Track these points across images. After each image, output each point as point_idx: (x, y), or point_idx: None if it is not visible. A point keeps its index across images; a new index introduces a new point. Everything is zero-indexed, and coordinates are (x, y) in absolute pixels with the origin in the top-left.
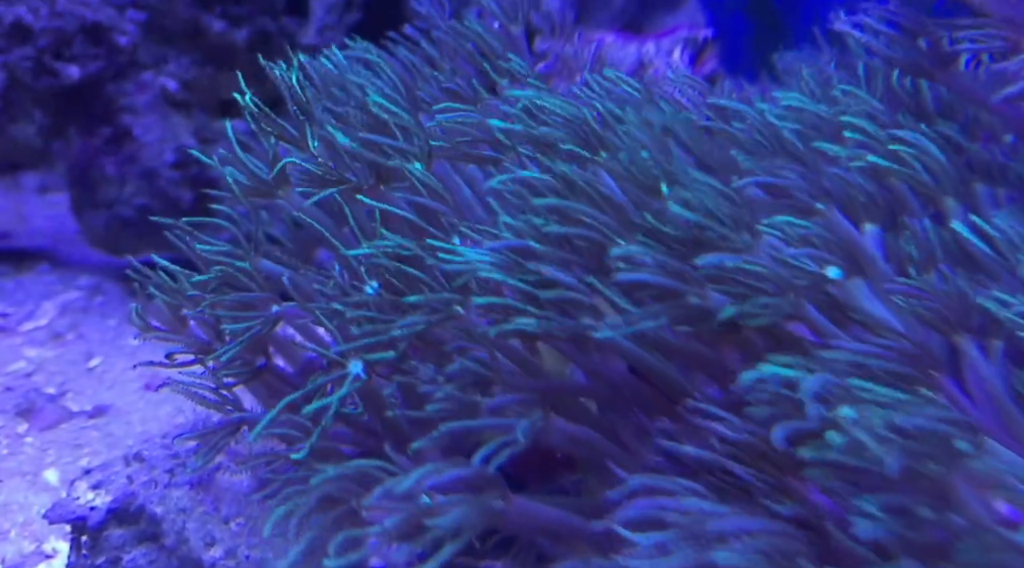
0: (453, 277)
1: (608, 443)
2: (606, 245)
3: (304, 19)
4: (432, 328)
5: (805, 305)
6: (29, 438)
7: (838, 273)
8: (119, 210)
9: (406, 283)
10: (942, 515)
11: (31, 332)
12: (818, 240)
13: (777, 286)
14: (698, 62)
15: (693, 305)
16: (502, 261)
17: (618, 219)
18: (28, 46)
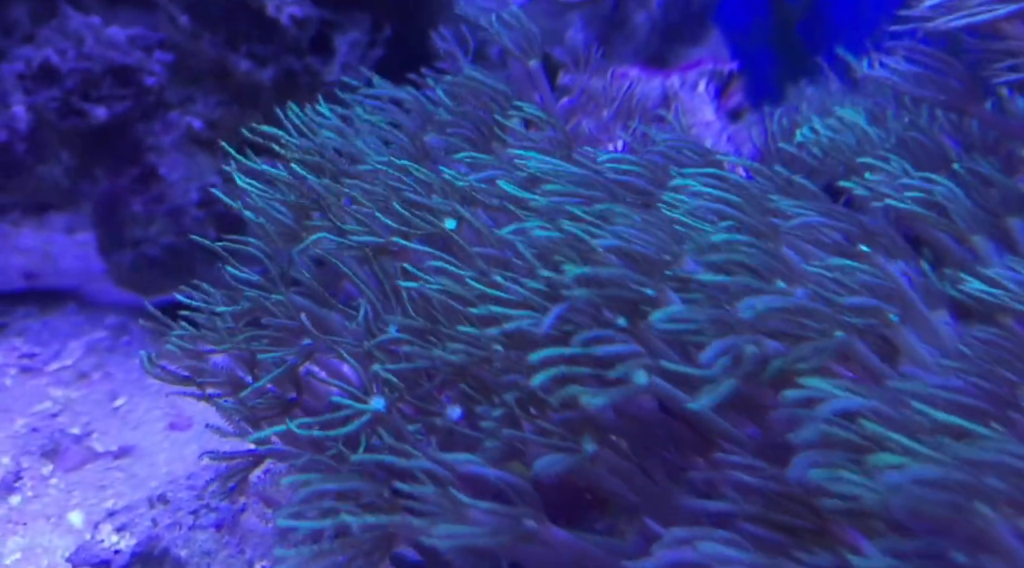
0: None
1: (641, 482)
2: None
3: (329, 57)
4: (470, 366)
5: (856, 343)
6: (54, 479)
7: (896, 318)
8: (145, 249)
9: (446, 321)
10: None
11: (57, 372)
12: (869, 286)
13: (824, 324)
14: (724, 95)
15: (750, 355)
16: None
17: (647, 272)
18: (55, 87)
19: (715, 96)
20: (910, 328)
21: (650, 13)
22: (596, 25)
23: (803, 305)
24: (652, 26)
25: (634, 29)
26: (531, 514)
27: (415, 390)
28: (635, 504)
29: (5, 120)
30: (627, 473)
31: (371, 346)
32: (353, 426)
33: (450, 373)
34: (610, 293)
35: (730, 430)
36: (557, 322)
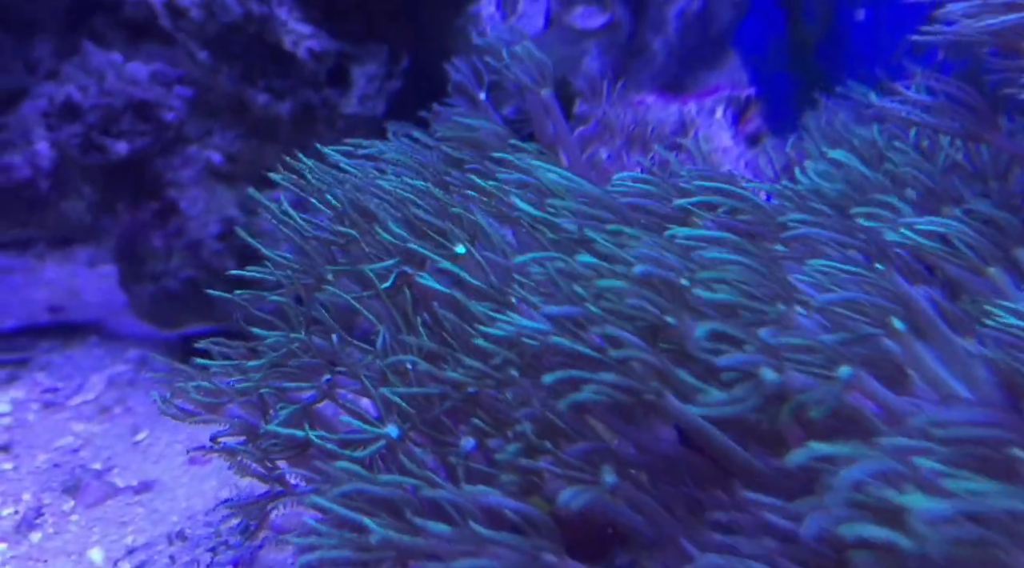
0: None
1: (667, 516)
2: (658, 323)
3: (346, 89)
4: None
5: (863, 376)
6: (75, 516)
7: (903, 326)
8: (165, 283)
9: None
10: None
11: (79, 406)
12: (879, 292)
13: (829, 358)
14: (741, 121)
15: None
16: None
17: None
18: (77, 124)
19: (733, 122)
20: (926, 346)
21: (667, 39)
22: (613, 52)
23: (808, 340)
24: (669, 52)
25: (652, 55)
26: (550, 548)
27: (427, 416)
28: (656, 538)
29: (29, 157)
30: (647, 507)
31: (384, 365)
32: (368, 450)
33: (461, 399)
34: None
35: (751, 461)
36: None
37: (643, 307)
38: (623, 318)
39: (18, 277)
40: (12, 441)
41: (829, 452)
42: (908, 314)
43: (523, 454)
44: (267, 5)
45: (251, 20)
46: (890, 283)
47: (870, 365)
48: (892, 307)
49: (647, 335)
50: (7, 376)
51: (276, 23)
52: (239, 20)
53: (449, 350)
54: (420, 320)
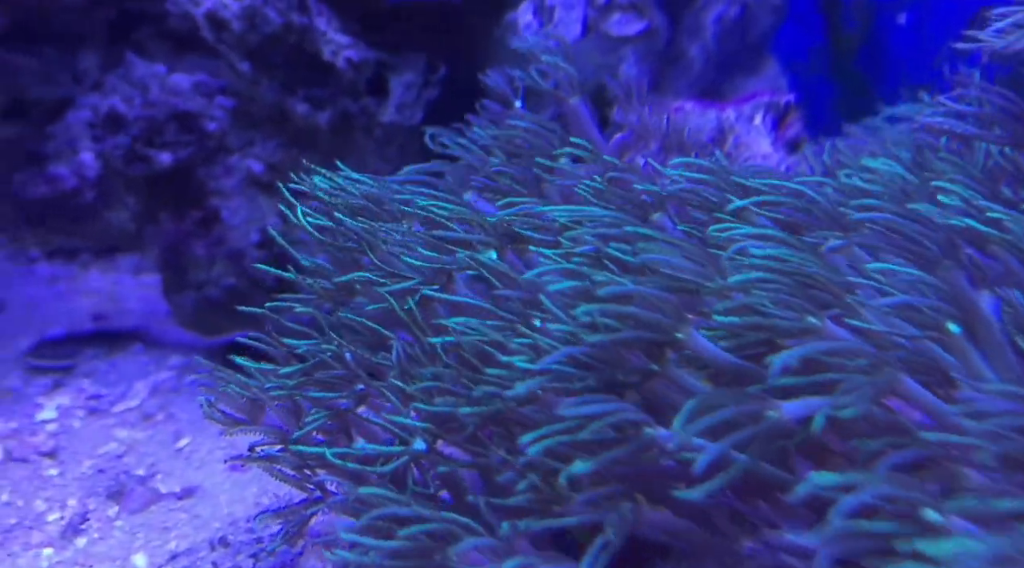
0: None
1: (701, 531)
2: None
3: (384, 98)
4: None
5: (902, 379)
6: (119, 521)
7: (958, 329)
8: (207, 291)
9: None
10: None
11: (123, 413)
12: (935, 292)
13: (868, 363)
14: (781, 127)
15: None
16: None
17: (673, 314)
18: (122, 134)
19: (772, 128)
20: (976, 348)
21: (705, 45)
22: (650, 59)
23: (842, 347)
24: (707, 58)
25: (689, 62)
26: None
27: (451, 431)
28: (694, 552)
29: (74, 167)
30: (675, 528)
31: (412, 390)
32: (392, 465)
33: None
34: (631, 337)
35: (787, 480)
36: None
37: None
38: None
39: (63, 286)
40: (58, 447)
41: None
42: (964, 317)
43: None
44: (307, 16)
45: (291, 31)
46: (951, 283)
47: (916, 370)
48: (948, 310)
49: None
50: (53, 383)
51: (316, 33)
52: (279, 31)
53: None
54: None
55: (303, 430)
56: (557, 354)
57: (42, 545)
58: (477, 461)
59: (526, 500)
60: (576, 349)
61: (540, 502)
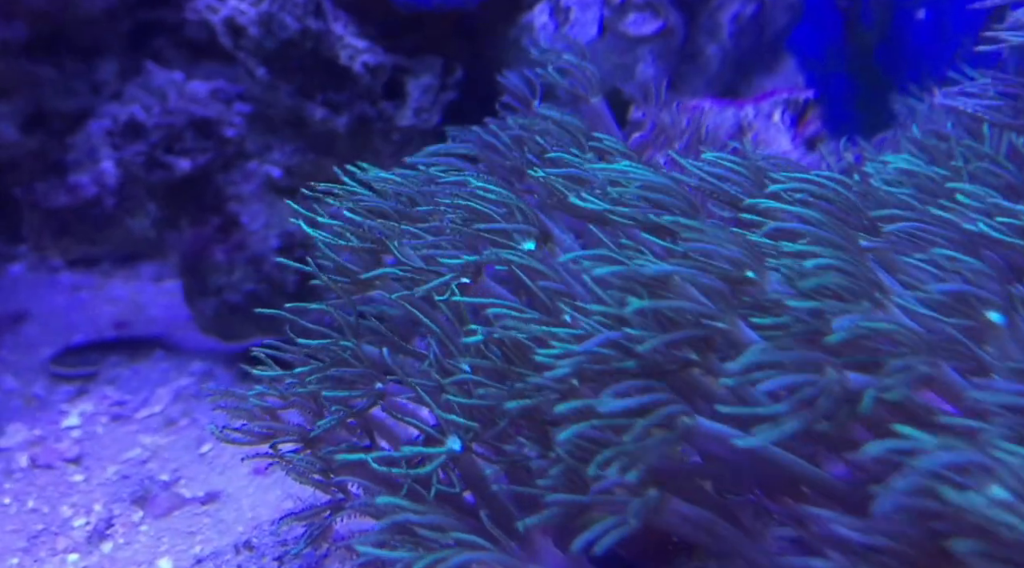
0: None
1: (726, 526)
2: (711, 337)
3: (401, 102)
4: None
5: (944, 367)
6: (144, 526)
7: (1001, 319)
8: (228, 296)
9: (518, 361)
10: None
11: (146, 419)
12: (976, 276)
13: (913, 348)
14: (800, 124)
15: (834, 392)
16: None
17: (719, 305)
18: (141, 142)
19: (791, 125)
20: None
21: (721, 44)
22: (667, 59)
23: (895, 326)
24: (724, 57)
25: (706, 61)
26: None
27: (489, 428)
28: (720, 549)
29: (95, 176)
30: (702, 521)
31: (445, 383)
32: (430, 467)
33: (516, 417)
34: (675, 331)
35: (815, 475)
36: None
37: (688, 316)
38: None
39: (85, 294)
40: (82, 453)
41: (906, 445)
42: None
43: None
44: (323, 21)
45: (308, 36)
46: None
47: (955, 358)
48: (991, 298)
49: (699, 346)
50: (76, 390)
51: (332, 38)
52: (296, 36)
53: (507, 365)
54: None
55: (320, 429)
56: (599, 338)
57: (68, 551)
58: (504, 458)
59: (555, 483)
60: (617, 334)
61: (569, 489)
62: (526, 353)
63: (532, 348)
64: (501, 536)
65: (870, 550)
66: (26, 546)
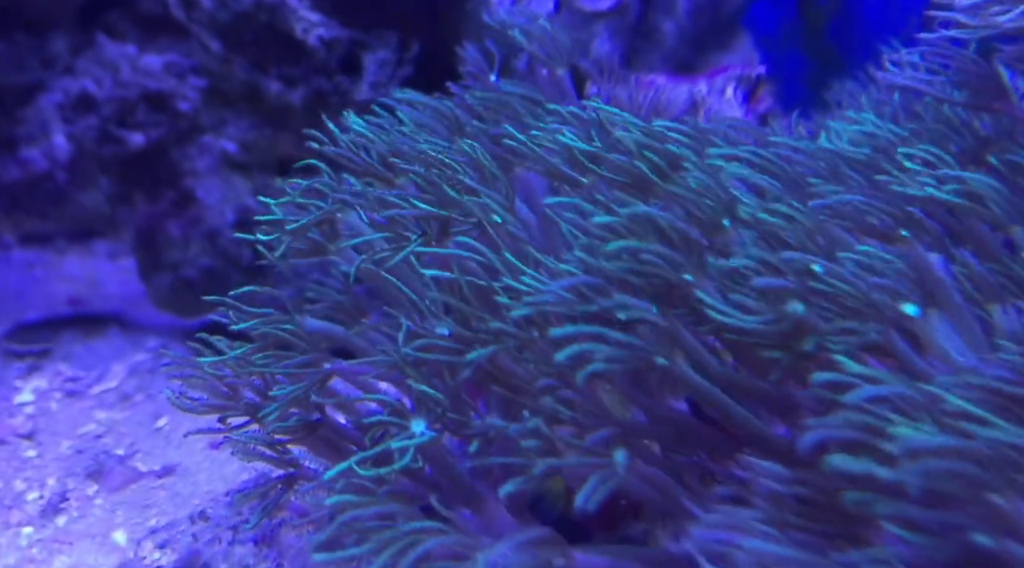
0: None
1: (677, 486)
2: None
3: (357, 76)
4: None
5: (894, 335)
6: (99, 500)
7: (915, 311)
8: (183, 271)
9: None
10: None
11: (101, 394)
12: (894, 272)
13: (863, 311)
14: (752, 99)
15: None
16: (571, 297)
17: (688, 257)
18: (93, 116)
19: (743, 100)
20: (942, 318)
21: (677, 21)
22: (622, 35)
23: (853, 283)
24: (680, 34)
25: (662, 38)
26: (560, 552)
27: (456, 404)
28: (667, 509)
29: (46, 150)
30: (658, 480)
31: (405, 352)
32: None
33: (483, 374)
34: (644, 270)
35: (761, 429)
36: (573, 289)
37: (658, 265)
38: (641, 276)
39: (39, 271)
40: (36, 429)
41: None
42: (926, 288)
43: (539, 432)
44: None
45: (262, 8)
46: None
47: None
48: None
49: (662, 295)
50: (29, 367)
51: (287, 11)
52: (250, 9)
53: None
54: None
55: (270, 410)
56: (565, 281)
57: (21, 524)
58: (468, 431)
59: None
60: (586, 278)
61: (537, 453)
62: (490, 301)
63: (496, 298)
64: (452, 515)
65: (797, 500)
66: None
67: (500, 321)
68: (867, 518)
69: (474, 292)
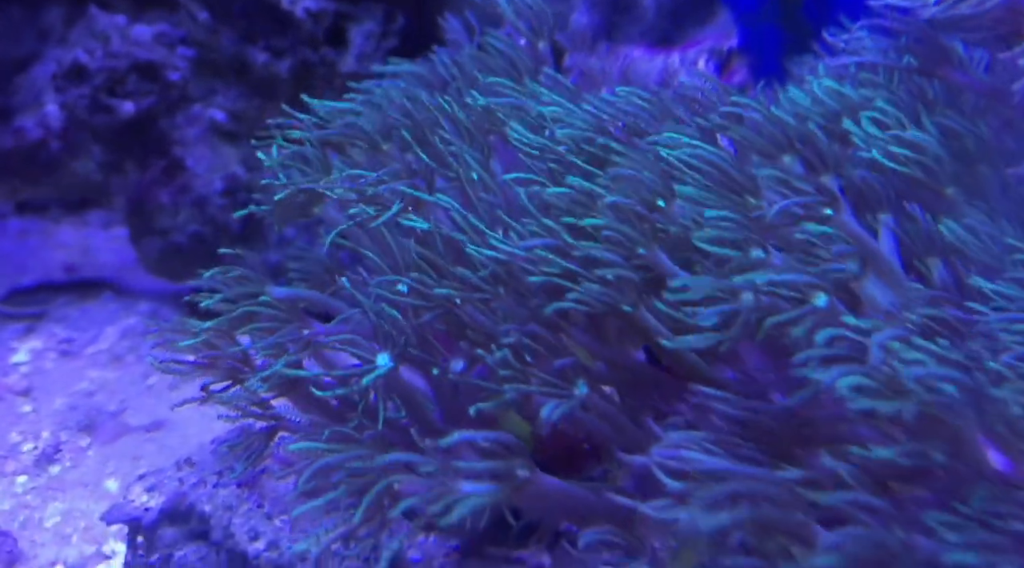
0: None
1: (630, 428)
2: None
3: (343, 48)
4: (471, 306)
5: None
6: (91, 452)
7: (824, 300)
8: (173, 237)
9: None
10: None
11: (94, 355)
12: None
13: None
14: (724, 72)
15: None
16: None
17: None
18: (85, 85)
19: (715, 73)
20: (875, 281)
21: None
22: (600, 8)
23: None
24: (659, 8)
25: (641, 11)
26: (523, 464)
27: (419, 336)
28: (625, 448)
29: (39, 119)
30: (616, 420)
31: (376, 292)
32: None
33: (452, 321)
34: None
35: (709, 371)
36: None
37: (617, 239)
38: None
39: (34, 239)
40: (31, 386)
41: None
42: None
43: (509, 362)
44: None
45: None
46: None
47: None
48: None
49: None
50: (25, 329)
51: None
52: None
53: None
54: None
55: (260, 377)
56: (532, 241)
57: (16, 473)
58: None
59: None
60: (552, 240)
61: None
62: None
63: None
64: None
65: (740, 423)
66: None
67: (470, 271)
68: (804, 442)
69: (446, 245)
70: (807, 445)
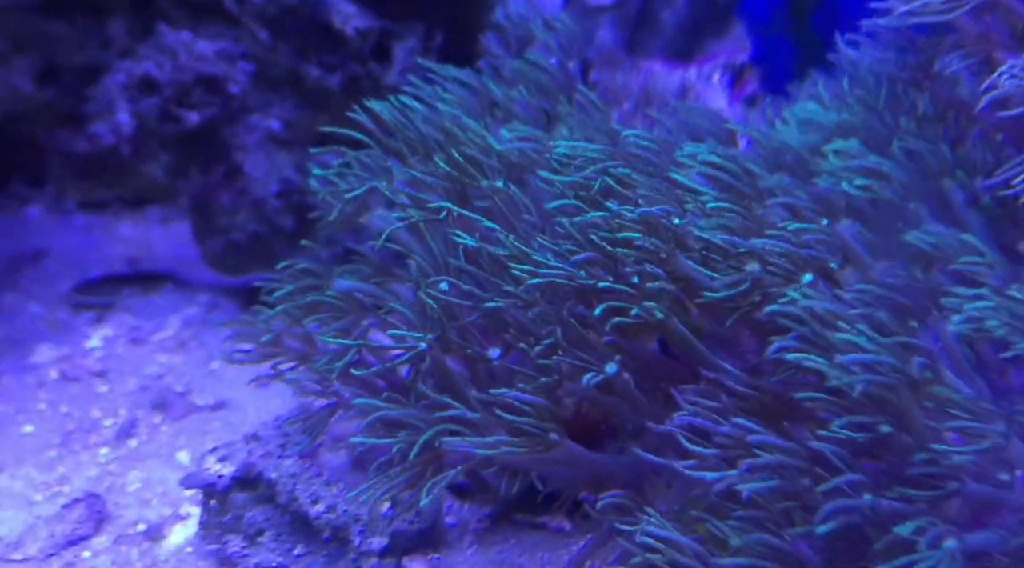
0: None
1: (644, 406)
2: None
3: (388, 63)
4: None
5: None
6: (164, 427)
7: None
8: (233, 235)
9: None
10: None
11: (160, 341)
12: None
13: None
14: (737, 85)
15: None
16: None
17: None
18: (155, 96)
19: (728, 86)
20: (852, 272)
21: (676, 11)
22: (623, 26)
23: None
24: (678, 24)
25: (661, 27)
26: (555, 429)
27: (460, 330)
28: (639, 427)
29: (112, 126)
30: (635, 399)
31: (424, 291)
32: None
33: (492, 322)
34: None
35: (716, 361)
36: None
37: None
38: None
39: (98, 234)
40: (106, 369)
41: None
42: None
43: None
44: None
45: (306, 3)
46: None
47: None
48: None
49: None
50: (96, 317)
51: (327, 4)
52: (295, 2)
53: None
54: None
55: (328, 361)
56: (577, 257)
57: (98, 446)
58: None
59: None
60: (590, 254)
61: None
62: (504, 268)
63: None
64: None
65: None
66: (61, 441)
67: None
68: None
69: (488, 260)
70: (792, 418)
